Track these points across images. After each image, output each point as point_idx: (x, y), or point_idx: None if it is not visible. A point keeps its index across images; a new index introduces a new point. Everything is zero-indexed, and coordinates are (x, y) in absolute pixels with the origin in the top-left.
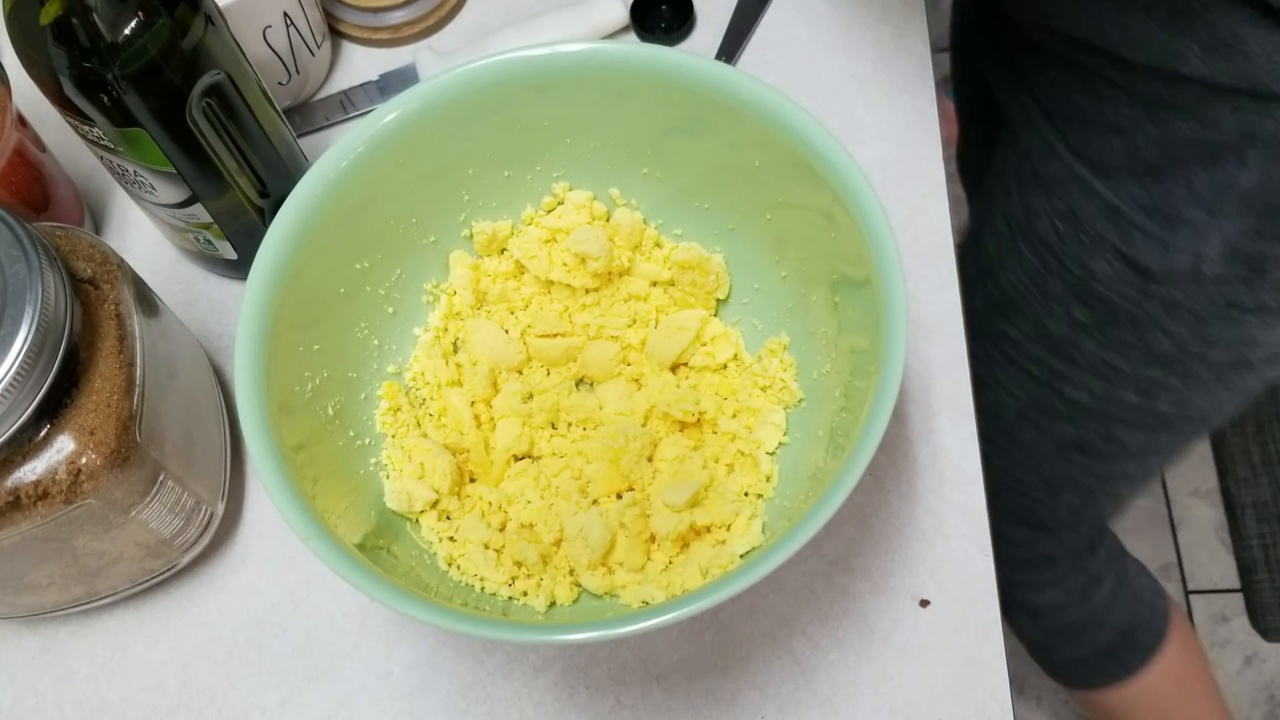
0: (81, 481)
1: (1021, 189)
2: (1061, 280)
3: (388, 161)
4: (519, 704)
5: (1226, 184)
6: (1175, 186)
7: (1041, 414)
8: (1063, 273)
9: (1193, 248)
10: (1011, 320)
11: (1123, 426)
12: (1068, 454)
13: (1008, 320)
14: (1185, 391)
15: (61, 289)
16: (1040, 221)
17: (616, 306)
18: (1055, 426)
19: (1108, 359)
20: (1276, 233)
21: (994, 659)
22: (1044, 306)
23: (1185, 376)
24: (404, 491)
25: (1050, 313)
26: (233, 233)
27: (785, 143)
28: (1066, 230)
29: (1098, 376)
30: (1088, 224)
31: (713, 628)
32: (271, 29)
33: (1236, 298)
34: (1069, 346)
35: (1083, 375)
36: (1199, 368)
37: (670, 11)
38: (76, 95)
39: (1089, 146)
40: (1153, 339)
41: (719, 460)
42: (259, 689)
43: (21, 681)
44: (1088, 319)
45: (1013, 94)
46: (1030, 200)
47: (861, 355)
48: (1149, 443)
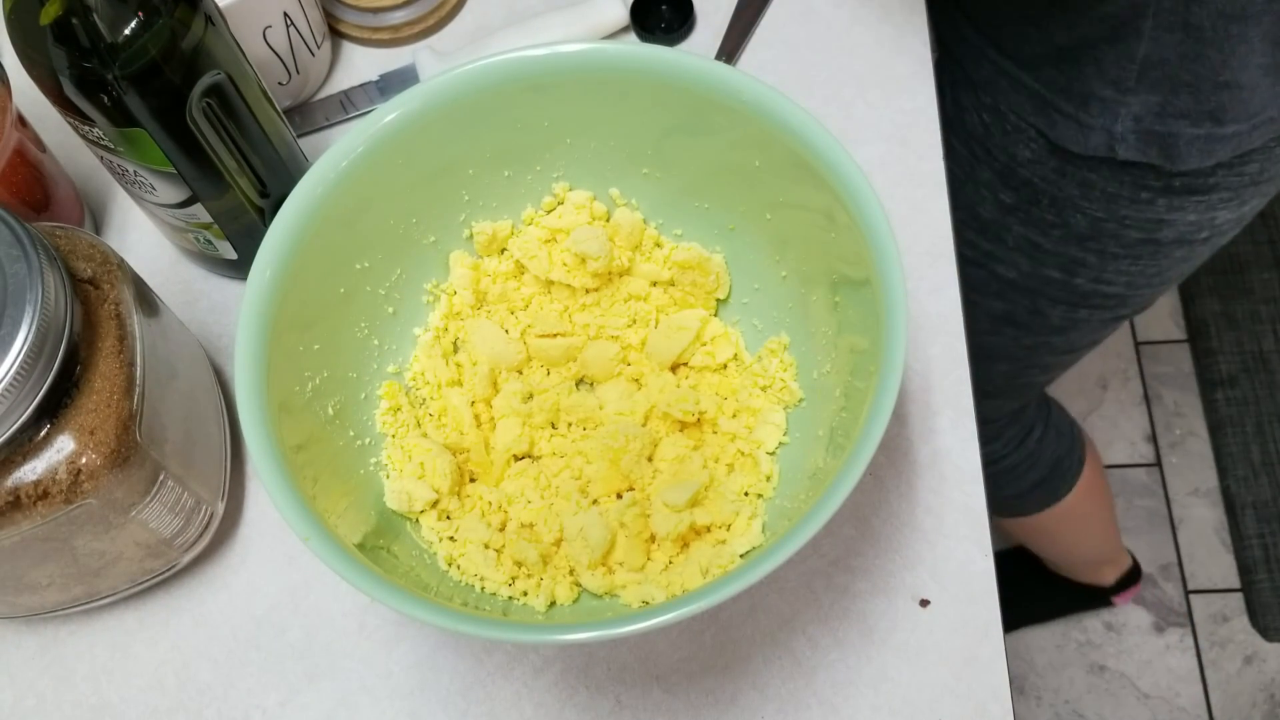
0: (81, 481)
1: (953, 89)
2: (989, 167)
3: (388, 161)
4: (519, 704)
5: (1129, 56)
6: (1086, 66)
7: (974, 290)
8: (990, 160)
9: (1106, 126)
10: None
11: (1046, 301)
12: (999, 327)
13: None
14: (1100, 268)
15: (61, 289)
16: (968, 115)
17: (616, 306)
18: (987, 302)
19: (1032, 238)
20: (1181, 109)
21: (994, 659)
22: (975, 193)
23: (1100, 254)
24: (404, 491)
25: (980, 198)
26: (233, 233)
27: (785, 143)
28: (992, 121)
29: (1024, 254)
30: (1011, 114)
31: (713, 627)
32: (271, 29)
33: (1145, 180)
34: (997, 228)
35: (1011, 254)
36: (1113, 246)
37: (670, 11)
38: (76, 95)
39: (1010, 41)
40: (1071, 218)
41: (719, 460)
42: (259, 689)
43: (21, 681)
44: (1013, 201)
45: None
46: (960, 97)
47: (861, 355)
48: (1070, 318)
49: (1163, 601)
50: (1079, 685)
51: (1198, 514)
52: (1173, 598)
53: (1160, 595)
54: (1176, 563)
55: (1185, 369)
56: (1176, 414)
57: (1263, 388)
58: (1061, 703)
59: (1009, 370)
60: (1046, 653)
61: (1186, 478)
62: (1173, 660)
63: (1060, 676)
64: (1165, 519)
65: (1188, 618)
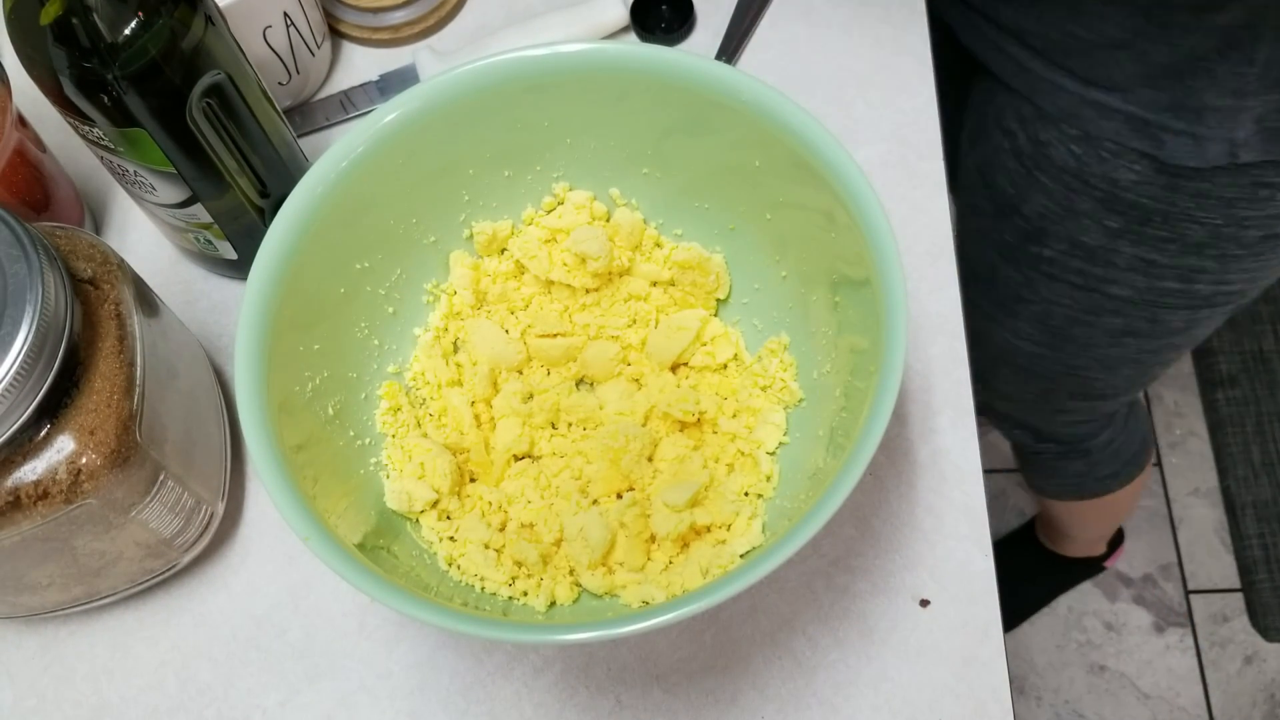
0: (81, 481)
1: (1025, 126)
2: (1089, 197)
3: (388, 161)
4: (519, 704)
5: (1247, 62)
6: (1197, 79)
7: (1089, 313)
8: (1088, 190)
9: (1226, 135)
10: (1045, 243)
11: (1166, 310)
12: (1119, 339)
13: (1041, 244)
14: (1222, 271)
15: (62, 289)
16: (1054, 150)
17: (616, 306)
18: (1104, 320)
19: (1145, 256)
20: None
21: (994, 659)
22: (1075, 224)
23: (1221, 258)
24: (404, 491)
25: (1082, 228)
26: (233, 233)
27: (785, 143)
28: (1084, 152)
29: (1138, 273)
30: (1106, 141)
31: (713, 627)
32: (271, 29)
33: (1264, 178)
34: (1106, 253)
35: (1124, 274)
36: (1233, 248)
37: (670, 12)
38: (77, 95)
39: (1096, 69)
40: (1186, 230)
41: (719, 460)
42: (259, 689)
43: (21, 681)
44: (1120, 225)
45: (994, 45)
46: (1039, 134)
47: (862, 355)
48: (1192, 320)
49: (1163, 601)
50: (1079, 685)
51: (1198, 514)
52: (1173, 598)
53: (1160, 595)
54: (1177, 563)
55: (1185, 369)
56: (1176, 414)
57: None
58: (1061, 703)
59: (1132, 374)
60: (1046, 653)
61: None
62: (1173, 660)
63: (1060, 676)
64: (1165, 519)
65: (1188, 618)
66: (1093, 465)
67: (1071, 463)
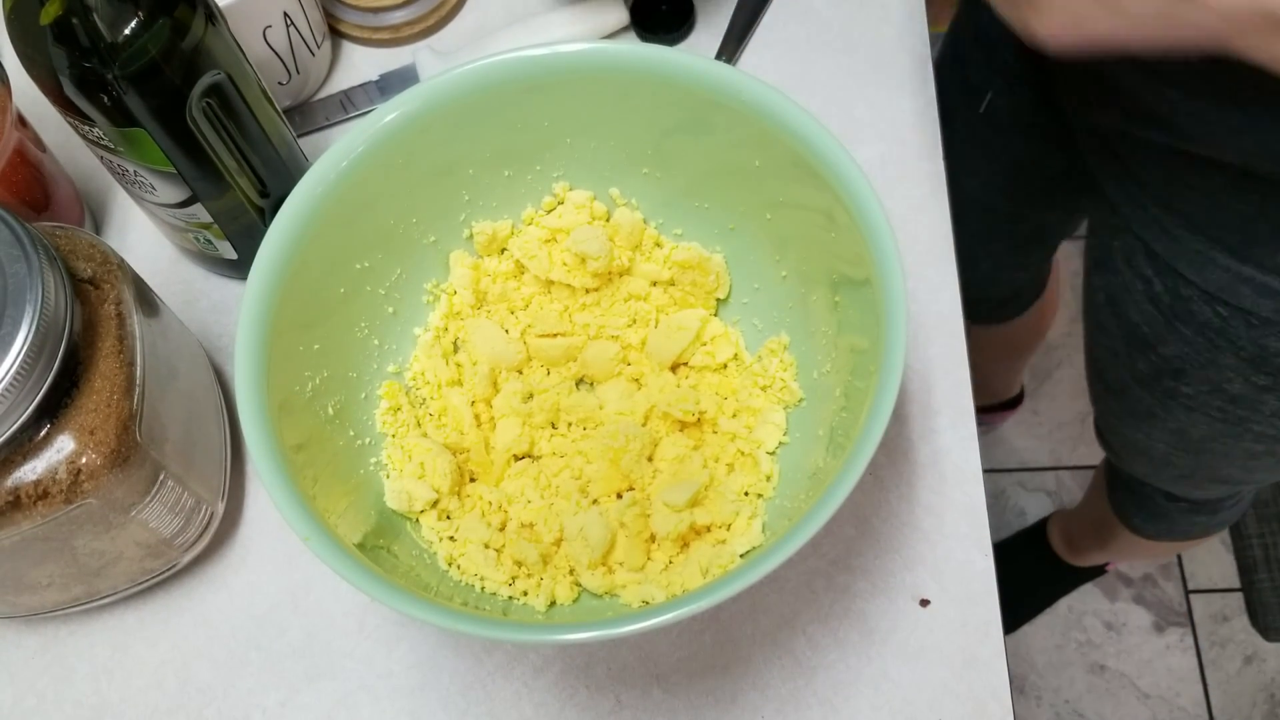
0: (81, 481)
1: (1163, 277)
2: (1233, 355)
3: (388, 161)
4: (519, 704)
5: None
6: None
7: (1230, 437)
8: (1233, 349)
9: None
10: (1182, 381)
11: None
12: (1259, 456)
13: (1178, 381)
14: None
15: (62, 289)
16: (1196, 306)
17: (616, 306)
18: (1245, 443)
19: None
20: None
21: (994, 659)
22: (1218, 374)
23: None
24: (404, 491)
25: (1226, 379)
26: (233, 233)
27: (785, 143)
28: (1231, 315)
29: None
30: (1254, 310)
31: (713, 627)
32: (271, 29)
33: None
34: (1251, 401)
35: (1268, 419)
36: None
37: (670, 12)
38: (76, 95)
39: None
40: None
41: (719, 460)
42: (259, 689)
43: (21, 681)
44: (1268, 382)
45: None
46: (1179, 288)
47: (861, 355)
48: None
49: (1163, 601)
50: (1079, 685)
51: None
52: (1173, 598)
53: (1160, 595)
54: (1177, 562)
55: None
56: None
57: None
58: (1061, 703)
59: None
60: (1046, 653)
61: None
62: (1173, 660)
63: (1060, 676)
64: None
65: (1188, 617)
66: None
67: (1199, 517)
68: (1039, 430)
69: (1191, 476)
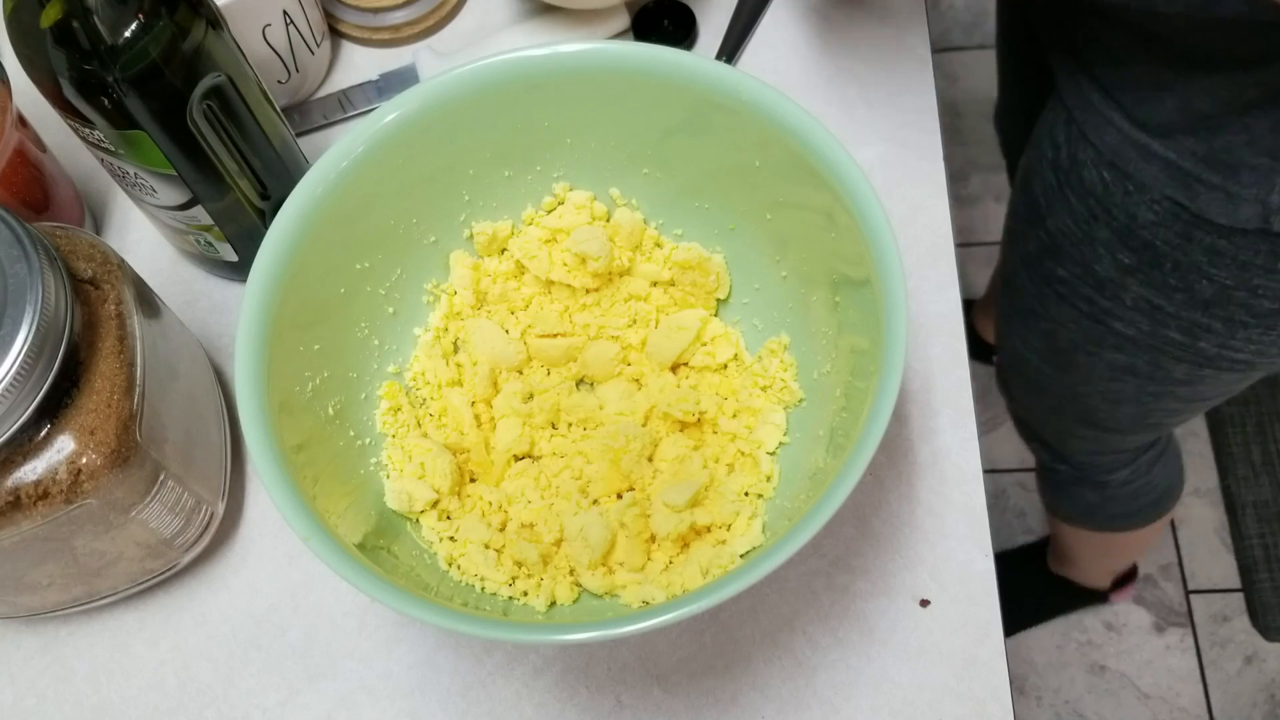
0: (82, 481)
1: (1070, 142)
2: (1107, 226)
3: (388, 162)
4: (519, 704)
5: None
6: (1234, 134)
7: (1092, 342)
8: (1108, 219)
9: (1260, 197)
10: (1060, 262)
11: (1169, 359)
12: (1120, 376)
13: (1057, 262)
14: (1228, 335)
15: (62, 289)
16: (1087, 171)
17: (617, 306)
18: (1106, 354)
19: (1152, 299)
20: None
21: (994, 659)
22: (1090, 251)
23: (1228, 321)
24: (404, 491)
25: (1097, 257)
26: (233, 235)
27: (785, 143)
28: (1113, 179)
29: (1143, 314)
30: (1140, 180)
31: (713, 627)
32: (271, 27)
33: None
34: (1115, 286)
35: (1129, 312)
36: (1241, 314)
37: (673, 23)
38: (77, 98)
39: (1143, 109)
40: (1195, 283)
41: (719, 460)
42: (259, 689)
43: (21, 681)
44: (1132, 262)
45: (1067, 70)
46: (1077, 152)
47: (862, 355)
48: (1195, 375)
49: (1163, 601)
50: (1079, 685)
51: (1198, 514)
52: (1173, 598)
53: (1160, 595)
54: (1177, 563)
55: None
56: None
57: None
58: (1061, 703)
59: (1135, 412)
60: (1046, 653)
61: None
62: (1173, 660)
63: (1060, 676)
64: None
65: (1188, 618)
66: (1106, 500)
67: (1084, 491)
68: None
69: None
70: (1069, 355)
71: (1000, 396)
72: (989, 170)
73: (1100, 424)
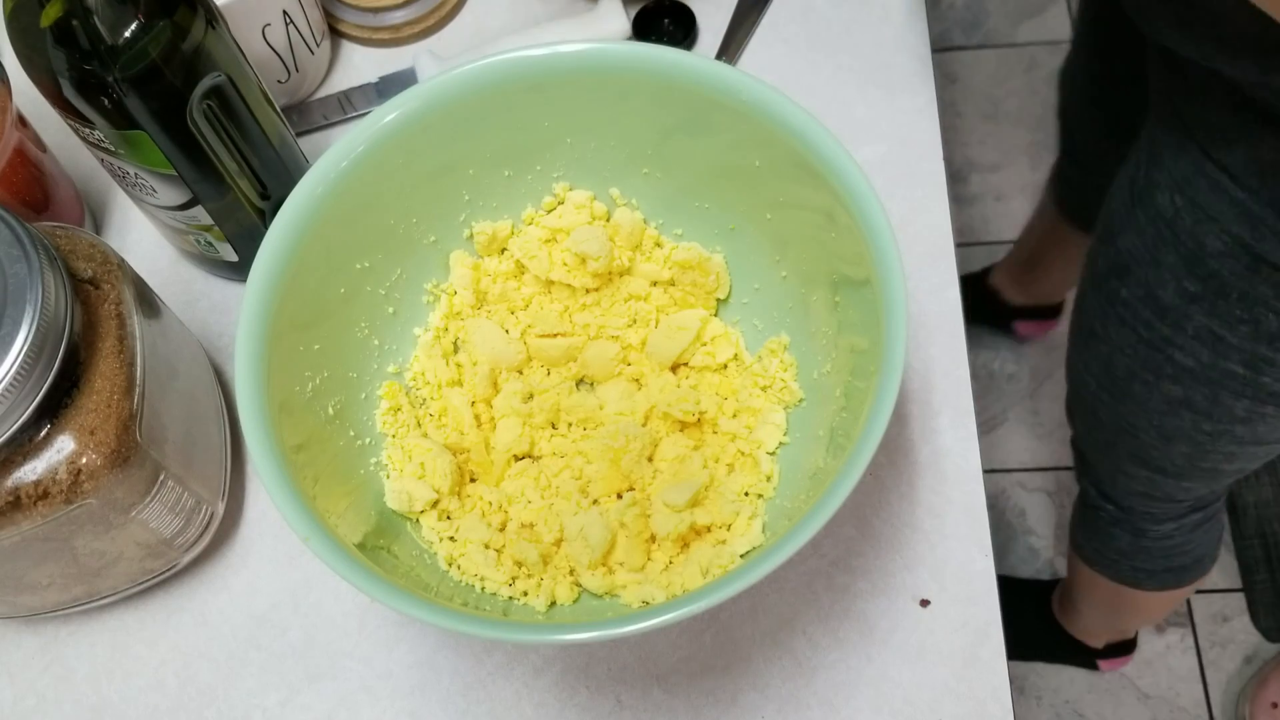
0: (82, 481)
1: (1148, 163)
2: (1175, 251)
3: (388, 162)
4: (519, 704)
5: None
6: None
7: (1150, 372)
8: (1176, 244)
9: None
10: (1125, 283)
11: (1229, 394)
12: (1176, 410)
13: (1121, 282)
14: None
15: (62, 289)
16: (1160, 194)
17: (617, 306)
18: (1163, 385)
19: (1215, 330)
20: None
21: (994, 659)
22: (1156, 275)
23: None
24: (404, 491)
25: (1161, 282)
26: (233, 235)
27: (785, 143)
28: (1184, 205)
29: (1205, 345)
30: (1205, 205)
31: (713, 628)
32: (271, 27)
33: None
34: (1178, 315)
35: (1190, 342)
36: None
37: (673, 23)
38: (77, 97)
39: (1214, 147)
40: (1261, 317)
41: (719, 460)
42: (259, 689)
43: (21, 681)
44: (1197, 290)
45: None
46: (1152, 173)
47: (862, 355)
48: (1254, 412)
49: None
50: (1079, 685)
51: None
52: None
53: None
54: None
55: None
56: None
57: None
58: (1061, 703)
59: (1189, 452)
60: None
61: None
62: (1173, 660)
63: (1060, 676)
64: None
65: (1188, 618)
66: (1138, 550)
67: (1120, 534)
68: (1039, 430)
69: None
70: (1125, 384)
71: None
72: (989, 170)
73: (1153, 463)
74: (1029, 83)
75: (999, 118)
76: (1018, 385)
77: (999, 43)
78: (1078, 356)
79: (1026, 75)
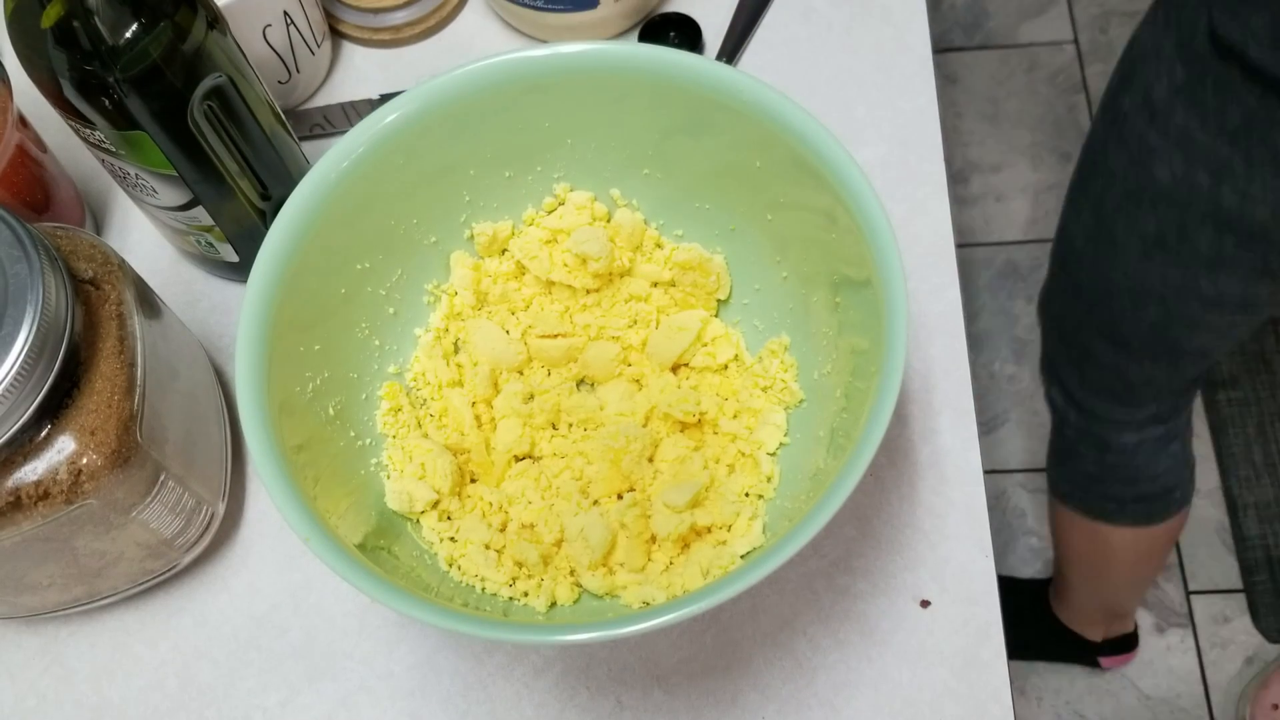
0: (82, 481)
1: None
2: (1175, 34)
3: (389, 162)
4: (519, 705)
5: None
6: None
7: (1132, 202)
8: (1177, 29)
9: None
10: (1127, 91)
11: (1195, 220)
12: (1150, 253)
13: (1125, 92)
14: (1247, 179)
15: (62, 289)
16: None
17: (617, 307)
18: (1142, 218)
19: (1189, 128)
20: None
21: (994, 659)
22: (1154, 69)
23: (1248, 159)
24: (405, 492)
25: (1158, 75)
26: (234, 235)
27: (785, 143)
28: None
29: (1180, 150)
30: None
31: (713, 628)
32: (271, 27)
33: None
34: (1164, 116)
35: (1169, 148)
36: (1262, 151)
37: (678, 36)
38: (77, 98)
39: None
40: (1228, 107)
41: (720, 461)
42: (259, 689)
43: (21, 681)
44: (1183, 79)
45: None
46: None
47: (862, 356)
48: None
49: (1163, 602)
50: (1079, 685)
51: (1199, 514)
52: (1174, 598)
53: (1161, 596)
54: (1178, 563)
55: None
56: None
57: (1264, 388)
58: (1062, 703)
59: (1157, 320)
60: None
61: None
62: (1174, 661)
63: (1060, 677)
64: None
65: (1189, 618)
66: (1105, 470)
67: (1086, 451)
68: (1040, 430)
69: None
70: (1109, 225)
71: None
72: (989, 170)
73: (1121, 337)
74: (1029, 83)
75: (1000, 118)
76: (1018, 385)
77: (999, 43)
78: (1071, 211)
79: (1027, 76)
